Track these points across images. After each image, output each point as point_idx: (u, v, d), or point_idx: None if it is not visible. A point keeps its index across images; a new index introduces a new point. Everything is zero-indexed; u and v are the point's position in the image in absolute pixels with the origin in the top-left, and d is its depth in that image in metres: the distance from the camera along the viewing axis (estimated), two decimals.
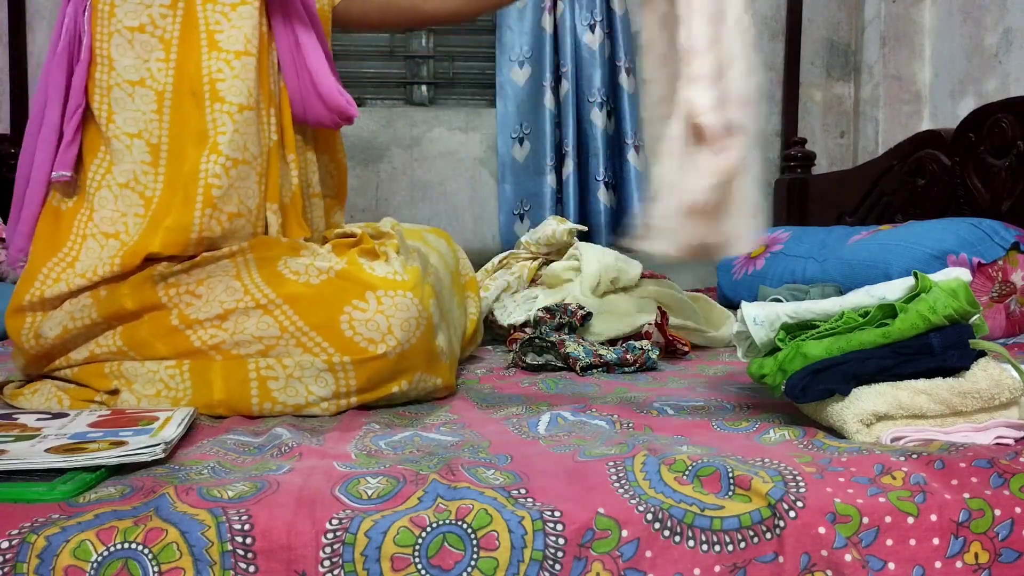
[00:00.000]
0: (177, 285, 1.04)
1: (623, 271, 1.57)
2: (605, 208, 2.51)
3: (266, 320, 1.01)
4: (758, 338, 0.93)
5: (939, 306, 0.85)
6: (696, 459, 0.74)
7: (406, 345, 1.01)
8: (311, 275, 1.03)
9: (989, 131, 1.80)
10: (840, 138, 2.74)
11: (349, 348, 1.00)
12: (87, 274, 1.05)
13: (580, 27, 2.50)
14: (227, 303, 1.02)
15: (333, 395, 1.01)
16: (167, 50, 1.09)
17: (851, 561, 0.67)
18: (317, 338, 1.00)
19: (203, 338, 1.02)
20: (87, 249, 1.07)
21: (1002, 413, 0.85)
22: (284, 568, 0.63)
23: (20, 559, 0.61)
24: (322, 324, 1.00)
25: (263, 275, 1.04)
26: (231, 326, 1.01)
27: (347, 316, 1.00)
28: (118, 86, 1.08)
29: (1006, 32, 2.11)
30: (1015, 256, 1.50)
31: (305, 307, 1.01)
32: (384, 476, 0.72)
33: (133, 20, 1.08)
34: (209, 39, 1.09)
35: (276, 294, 1.02)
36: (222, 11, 1.10)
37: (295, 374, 1.00)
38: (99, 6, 1.09)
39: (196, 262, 1.05)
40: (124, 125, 1.08)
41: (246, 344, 1.01)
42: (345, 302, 1.01)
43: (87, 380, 1.06)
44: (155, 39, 1.09)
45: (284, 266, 1.05)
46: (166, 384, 1.03)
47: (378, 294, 1.01)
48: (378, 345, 1.00)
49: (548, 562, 0.64)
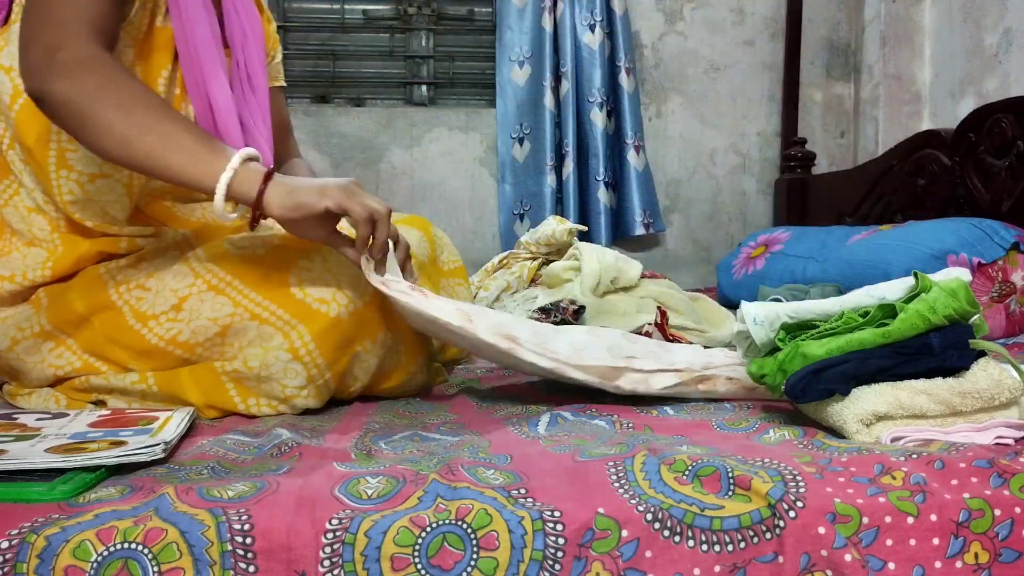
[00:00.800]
0: (127, 282, 1.03)
1: (623, 271, 1.57)
2: (605, 208, 2.51)
3: (220, 300, 1.00)
4: (758, 338, 0.93)
5: (939, 306, 0.85)
6: (696, 459, 0.74)
7: (359, 302, 1.00)
8: (256, 246, 1.03)
9: (989, 131, 1.80)
10: (840, 138, 2.74)
11: (303, 312, 0.98)
12: (15, 277, 1.04)
13: (580, 27, 2.50)
14: (180, 290, 1.01)
15: (307, 380, 1.00)
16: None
17: (851, 561, 0.67)
18: (272, 307, 0.99)
19: (159, 333, 1.01)
20: (13, 255, 1.05)
21: (1002, 413, 0.85)
22: (284, 568, 0.63)
23: (20, 559, 0.61)
24: (272, 292, 1.00)
25: (209, 255, 1.03)
26: (186, 315, 1.00)
27: (295, 278, 1.00)
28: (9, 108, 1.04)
29: (1006, 32, 2.11)
30: (1015, 256, 1.50)
31: (255, 278, 1.01)
32: (384, 476, 0.72)
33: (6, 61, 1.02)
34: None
35: (225, 271, 1.01)
36: None
37: (263, 373, 0.99)
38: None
39: (142, 255, 1.04)
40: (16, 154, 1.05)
41: (203, 330, 1.00)
42: (292, 264, 1.01)
43: (67, 395, 1.06)
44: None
45: (229, 243, 1.04)
46: (143, 394, 1.03)
47: (323, 251, 1.01)
48: (330, 305, 0.99)
49: (548, 562, 0.64)
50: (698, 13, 2.65)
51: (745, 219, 2.71)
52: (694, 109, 2.68)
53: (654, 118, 2.66)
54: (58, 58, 0.89)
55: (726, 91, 2.68)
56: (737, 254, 2.07)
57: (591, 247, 1.64)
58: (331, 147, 2.52)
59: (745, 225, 2.70)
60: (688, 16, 2.65)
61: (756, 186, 2.71)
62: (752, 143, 2.70)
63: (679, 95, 2.67)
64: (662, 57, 2.66)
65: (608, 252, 1.61)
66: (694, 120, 2.68)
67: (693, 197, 2.69)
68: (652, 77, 2.65)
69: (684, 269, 2.66)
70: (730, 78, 2.68)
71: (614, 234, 2.54)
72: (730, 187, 2.70)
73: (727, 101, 2.69)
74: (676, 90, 2.67)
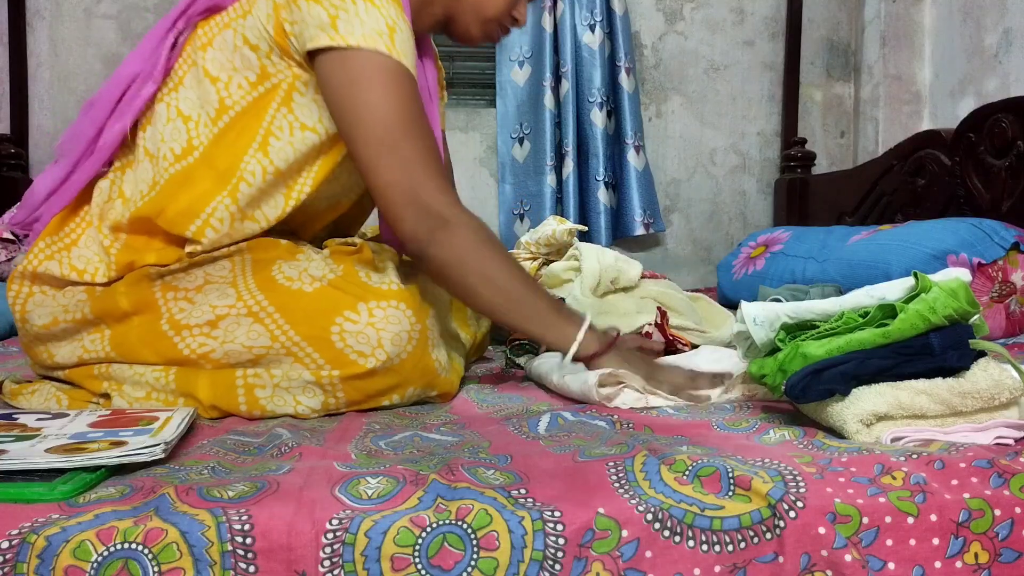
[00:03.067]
0: (175, 288, 1.04)
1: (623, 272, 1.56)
2: (605, 208, 2.51)
3: (256, 328, 1.00)
4: (758, 338, 0.93)
5: (939, 306, 0.85)
6: (696, 459, 0.74)
7: (396, 360, 1.00)
8: (304, 282, 1.02)
9: (989, 131, 1.80)
10: (840, 138, 2.74)
11: (339, 361, 0.98)
12: (84, 272, 1.05)
13: (580, 27, 2.50)
14: (219, 308, 1.01)
15: (322, 406, 1.01)
16: (220, 114, 1.06)
17: (851, 561, 0.67)
18: (308, 349, 0.99)
19: (191, 346, 1.01)
20: (87, 237, 1.08)
21: (1002, 413, 0.85)
22: (284, 568, 0.63)
23: (20, 559, 0.61)
24: (313, 335, 0.99)
25: (257, 280, 1.03)
26: (221, 334, 1.00)
27: (338, 328, 0.99)
28: (166, 104, 1.07)
29: (1006, 32, 2.11)
30: (1015, 256, 1.49)
31: (297, 317, 1.00)
32: (384, 476, 0.72)
33: (215, 70, 1.06)
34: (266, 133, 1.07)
35: (268, 301, 1.01)
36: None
37: (282, 384, 1.00)
38: (199, 32, 1.08)
39: (195, 261, 1.04)
40: (147, 140, 1.08)
41: (236, 354, 1.00)
42: (337, 312, 1.00)
43: (79, 381, 1.06)
44: (217, 98, 1.06)
45: (279, 271, 1.04)
46: (153, 387, 1.03)
47: (370, 305, 1.00)
48: (367, 359, 0.98)
49: (548, 562, 0.64)
50: (698, 13, 2.65)
51: (745, 219, 2.71)
52: (694, 109, 2.68)
53: (654, 118, 2.66)
54: (433, 227, 1.01)
55: (726, 91, 2.68)
56: (737, 254, 2.07)
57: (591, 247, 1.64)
58: None
59: (745, 225, 2.70)
60: (688, 16, 2.65)
61: (756, 186, 2.71)
62: (752, 143, 2.70)
63: (679, 95, 2.67)
64: (662, 57, 2.66)
65: (608, 252, 1.60)
66: (694, 120, 2.68)
67: (693, 197, 2.70)
68: (652, 77, 2.66)
69: (684, 269, 2.66)
70: (730, 78, 2.68)
71: (614, 234, 2.55)
72: (730, 187, 2.71)
73: (727, 101, 2.69)
74: (676, 90, 2.67)
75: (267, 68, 1.04)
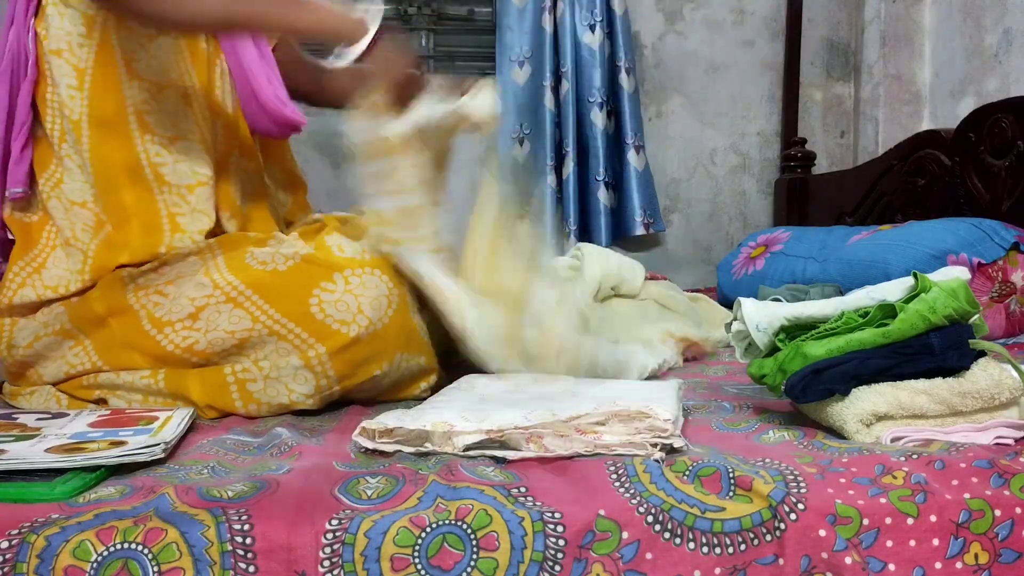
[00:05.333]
0: (146, 286, 1.04)
1: (625, 280, 1.54)
2: (605, 208, 2.51)
3: (237, 313, 1.00)
4: (760, 342, 0.94)
5: (939, 306, 0.85)
6: (697, 459, 0.74)
7: (378, 324, 1.00)
8: (278, 262, 1.03)
9: (989, 131, 1.79)
10: (840, 138, 2.74)
11: (322, 333, 0.99)
12: (58, 288, 1.05)
13: (580, 27, 2.50)
14: (198, 300, 1.01)
15: (315, 390, 1.01)
16: (80, 79, 1.05)
17: (851, 564, 0.67)
18: (290, 325, 0.99)
19: (175, 341, 1.01)
20: (54, 258, 1.07)
21: (1002, 413, 0.85)
22: (284, 568, 0.63)
23: (20, 559, 0.61)
24: (293, 311, 1.00)
25: (230, 266, 1.03)
26: (203, 324, 1.01)
27: (316, 299, 1.00)
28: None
29: (1006, 32, 2.11)
30: (1015, 256, 1.49)
31: (275, 295, 1.01)
32: (384, 476, 0.72)
33: (54, 44, 1.05)
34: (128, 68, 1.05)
35: (244, 284, 1.01)
36: (138, 41, 1.06)
37: (272, 374, 1.00)
38: (39, 29, 1.06)
39: (165, 259, 1.04)
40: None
41: (220, 342, 1.00)
42: (314, 285, 1.00)
43: (71, 392, 1.06)
44: (69, 66, 1.05)
45: (251, 257, 1.04)
46: (145, 391, 1.03)
47: (345, 274, 1.01)
48: (350, 326, 0.99)
49: (548, 563, 0.64)
50: (698, 13, 2.65)
51: (745, 219, 2.71)
52: (694, 109, 2.67)
53: (654, 118, 2.66)
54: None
55: (726, 91, 2.68)
56: (737, 254, 2.07)
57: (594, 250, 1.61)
58: (331, 148, 2.52)
59: (745, 225, 2.70)
60: (688, 16, 2.65)
61: (756, 186, 2.71)
62: (752, 143, 2.70)
63: (679, 95, 2.67)
64: (662, 57, 2.65)
65: (612, 257, 1.58)
66: (694, 120, 2.68)
67: (693, 197, 2.69)
68: (652, 77, 2.65)
69: (684, 269, 2.65)
70: (730, 78, 2.68)
71: (614, 234, 2.54)
72: (730, 187, 2.70)
73: (727, 101, 2.68)
74: (676, 90, 2.67)
75: None
